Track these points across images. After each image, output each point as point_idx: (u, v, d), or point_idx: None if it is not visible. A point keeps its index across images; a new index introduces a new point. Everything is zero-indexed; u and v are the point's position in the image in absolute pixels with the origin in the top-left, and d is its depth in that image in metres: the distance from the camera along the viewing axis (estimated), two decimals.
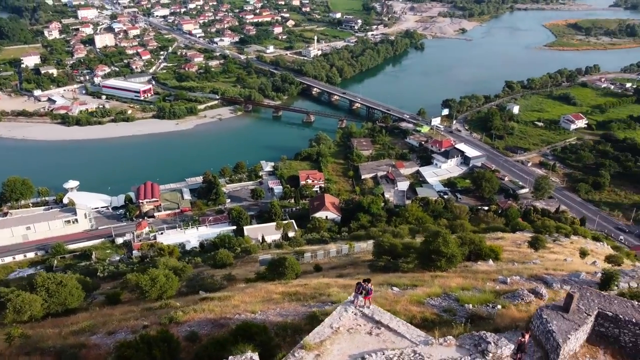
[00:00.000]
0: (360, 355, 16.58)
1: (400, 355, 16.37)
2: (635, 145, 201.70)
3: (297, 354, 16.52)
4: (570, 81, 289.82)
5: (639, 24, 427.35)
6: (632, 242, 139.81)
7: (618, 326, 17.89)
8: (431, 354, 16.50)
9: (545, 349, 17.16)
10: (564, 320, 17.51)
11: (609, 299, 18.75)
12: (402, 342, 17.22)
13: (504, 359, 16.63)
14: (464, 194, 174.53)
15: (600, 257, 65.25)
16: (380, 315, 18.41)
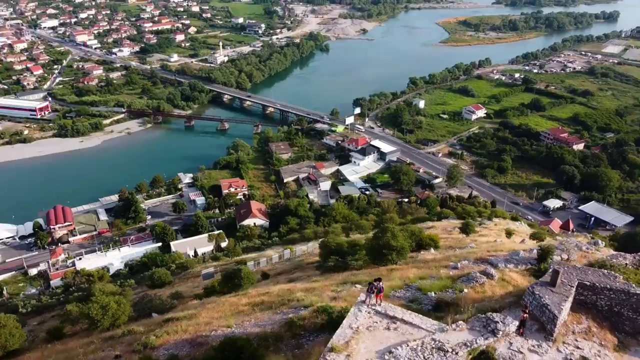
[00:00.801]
0: (386, 350, 17.51)
1: (422, 344, 17.53)
2: (530, 130, 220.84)
3: (329, 357, 17.10)
4: (467, 74, 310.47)
5: (519, 19, 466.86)
6: (537, 219, 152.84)
7: (595, 293, 20.38)
8: (448, 339, 17.83)
9: (541, 321, 19.13)
10: (553, 294, 19.65)
11: (584, 271, 21.26)
12: (419, 332, 18.38)
13: (510, 335, 18.39)
14: (384, 189, 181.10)
15: (523, 235, 71.27)
16: (393, 310, 19.45)
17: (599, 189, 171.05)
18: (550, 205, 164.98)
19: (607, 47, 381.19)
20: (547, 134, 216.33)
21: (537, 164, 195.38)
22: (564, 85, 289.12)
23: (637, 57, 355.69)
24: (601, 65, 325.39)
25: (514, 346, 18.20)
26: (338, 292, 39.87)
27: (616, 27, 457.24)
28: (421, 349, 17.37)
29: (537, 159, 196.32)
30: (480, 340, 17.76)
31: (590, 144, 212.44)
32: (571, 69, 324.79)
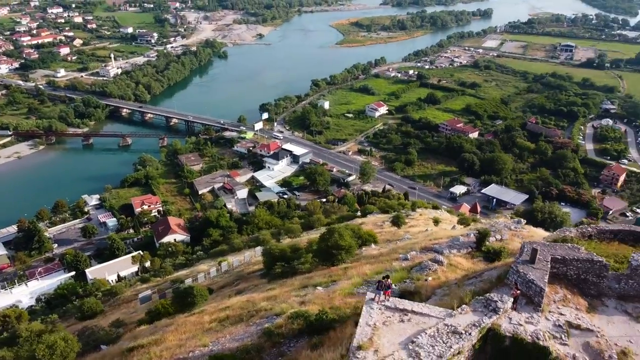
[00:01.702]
0: (407, 340, 18.75)
1: (438, 330, 19.02)
2: (429, 123, 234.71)
3: (359, 355, 17.98)
4: (366, 74, 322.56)
5: (406, 19, 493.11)
6: (447, 205, 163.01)
7: (565, 265, 23.12)
8: (458, 322, 19.48)
9: (528, 295, 21.43)
10: (535, 270, 22.05)
11: (553, 247, 23.98)
12: (430, 320, 19.83)
13: (508, 311, 20.48)
14: (301, 191, 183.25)
15: (448, 222, 76.36)
16: (402, 304, 20.72)
17: (496, 172, 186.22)
18: (457, 192, 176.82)
19: (487, 42, 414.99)
20: (445, 125, 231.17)
21: (440, 154, 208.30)
22: (454, 79, 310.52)
23: (512, 49, 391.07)
24: (483, 59, 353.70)
25: (513, 320, 20.29)
26: (303, 297, 40.60)
27: (491, 23, 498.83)
28: (438, 334, 18.86)
29: (439, 149, 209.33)
30: (486, 319, 19.62)
31: (483, 132, 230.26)
32: (458, 64, 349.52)
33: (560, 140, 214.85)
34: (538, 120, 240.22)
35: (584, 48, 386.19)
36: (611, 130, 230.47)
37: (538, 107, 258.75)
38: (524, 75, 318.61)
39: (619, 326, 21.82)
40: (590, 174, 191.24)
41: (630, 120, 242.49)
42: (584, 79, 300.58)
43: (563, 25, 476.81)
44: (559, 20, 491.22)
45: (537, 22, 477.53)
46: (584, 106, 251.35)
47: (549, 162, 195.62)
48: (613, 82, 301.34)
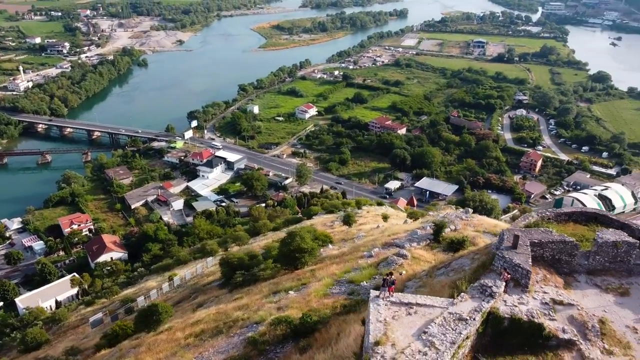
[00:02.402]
0: (420, 331, 19.75)
1: (445, 319, 20.20)
2: (359, 122, 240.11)
3: (379, 350, 18.72)
4: (292, 76, 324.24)
5: (327, 20, 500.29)
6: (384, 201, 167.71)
7: (541, 247, 25.15)
8: (461, 310, 20.77)
9: (515, 278, 23.16)
10: (518, 255, 23.82)
11: (529, 232, 25.98)
12: (435, 310, 20.94)
13: (502, 295, 22.07)
14: (238, 197, 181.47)
15: (395, 217, 79.00)
16: (406, 298, 21.67)
17: (426, 165, 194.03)
18: (391, 187, 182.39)
19: (405, 41, 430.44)
20: (374, 123, 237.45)
21: (372, 151, 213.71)
22: (378, 78, 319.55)
23: (430, 47, 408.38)
24: (404, 57, 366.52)
25: (508, 303, 21.86)
26: (277, 302, 40.78)
27: (407, 22, 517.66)
28: (446, 323, 20.03)
29: (371, 147, 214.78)
30: (485, 304, 21.03)
31: (410, 128, 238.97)
32: (380, 63, 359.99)
33: (482, 131, 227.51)
34: (460, 113, 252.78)
35: (494, 44, 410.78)
36: (525, 120, 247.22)
37: (459, 101, 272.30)
38: (442, 71, 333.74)
39: (592, 298, 24.15)
40: (511, 162, 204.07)
41: (541, 109, 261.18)
42: (497, 72, 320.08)
43: (473, 23, 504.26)
44: (470, 18, 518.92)
45: (450, 21, 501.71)
46: (499, 98, 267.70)
47: (474, 153, 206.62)
48: (523, 75, 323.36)
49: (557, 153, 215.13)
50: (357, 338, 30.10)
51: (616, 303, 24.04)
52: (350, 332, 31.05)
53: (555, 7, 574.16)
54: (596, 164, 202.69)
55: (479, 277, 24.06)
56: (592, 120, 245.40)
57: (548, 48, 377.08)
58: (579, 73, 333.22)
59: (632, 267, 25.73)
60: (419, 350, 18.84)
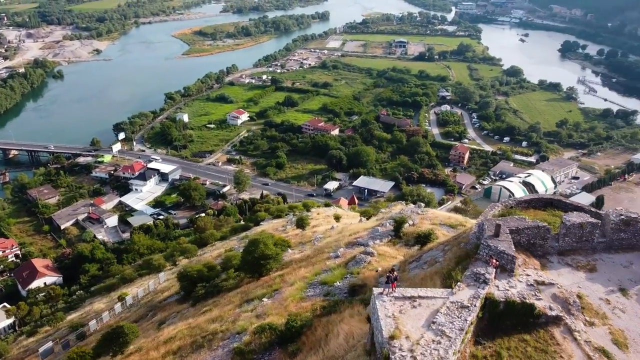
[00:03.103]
0: (428, 322, 20.72)
1: (449, 308, 21.35)
2: (292, 125, 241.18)
3: (395, 344, 19.46)
4: (220, 82, 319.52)
5: (250, 25, 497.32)
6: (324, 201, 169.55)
7: (518, 234, 27.00)
8: (461, 298, 22.01)
9: (500, 264, 24.76)
10: (501, 242, 25.46)
11: (506, 220, 27.78)
12: (436, 301, 22.00)
13: (493, 281, 23.57)
14: (176, 209, 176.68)
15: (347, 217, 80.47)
16: (408, 292, 22.55)
17: (362, 164, 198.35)
18: (330, 188, 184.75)
19: (329, 43, 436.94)
20: (307, 126, 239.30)
21: (307, 153, 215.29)
22: (307, 81, 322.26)
23: (354, 48, 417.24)
24: (330, 59, 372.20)
25: (500, 287, 23.38)
26: (253, 311, 40.61)
27: (329, 24, 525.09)
28: (450, 311, 21.16)
29: (306, 149, 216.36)
30: (481, 290, 22.40)
31: (343, 128, 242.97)
32: (307, 65, 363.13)
33: (411, 128, 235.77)
34: (389, 112, 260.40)
35: (415, 43, 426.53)
36: (450, 115, 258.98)
37: (387, 100, 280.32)
38: (368, 71, 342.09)
39: (567, 276, 26.33)
40: (441, 156, 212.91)
41: (464, 104, 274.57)
42: (420, 71, 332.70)
43: (393, 24, 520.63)
44: (389, 19, 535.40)
45: (371, 22, 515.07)
46: (425, 95, 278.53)
47: (406, 149, 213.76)
48: (444, 72, 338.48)
49: (481, 145, 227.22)
50: (347, 337, 30.88)
51: (587, 279, 26.39)
52: (338, 332, 31.78)
53: (467, 7, 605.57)
54: (517, 153, 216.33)
55: (465, 266, 25.51)
56: (510, 112, 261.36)
57: (464, 46, 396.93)
58: (494, 68, 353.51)
59: (595, 245, 28.30)
60: (432, 339, 19.85)
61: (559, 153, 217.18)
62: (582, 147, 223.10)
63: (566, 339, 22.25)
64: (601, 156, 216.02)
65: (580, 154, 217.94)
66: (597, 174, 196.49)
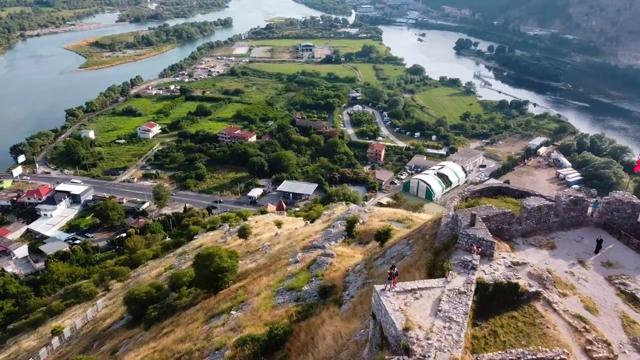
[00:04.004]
0: (434, 310, 22.03)
1: (448, 295, 22.90)
2: (208, 135, 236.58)
3: (412, 335, 20.57)
4: (125, 95, 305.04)
5: (150, 34, 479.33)
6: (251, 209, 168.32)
7: (489, 221, 29.20)
8: (457, 285, 23.61)
9: (481, 250, 26.80)
10: (478, 230, 27.48)
11: (478, 209, 29.90)
12: (435, 290, 23.41)
13: (479, 266, 25.50)
14: (93, 231, 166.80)
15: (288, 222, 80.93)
16: (407, 285, 23.66)
17: (284, 169, 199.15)
18: (255, 195, 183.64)
19: (236, 49, 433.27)
20: (223, 134, 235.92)
21: (227, 162, 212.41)
22: (217, 89, 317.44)
23: (261, 54, 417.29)
24: (238, 66, 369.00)
25: (487, 271, 25.29)
26: (224, 325, 40.05)
27: (233, 31, 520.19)
28: (451, 299, 22.71)
29: (226, 158, 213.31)
30: (472, 276, 24.17)
31: (260, 134, 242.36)
32: (216, 73, 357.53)
33: (328, 130, 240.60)
34: (303, 115, 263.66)
35: (320, 46, 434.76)
36: (362, 115, 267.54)
37: (300, 103, 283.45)
38: (278, 76, 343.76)
39: (533, 255, 29.02)
40: (358, 155, 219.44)
41: (374, 103, 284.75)
42: (329, 73, 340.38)
43: (297, 28, 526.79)
44: (293, 23, 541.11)
45: (275, 27, 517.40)
46: (336, 97, 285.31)
47: (325, 151, 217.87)
48: (352, 74, 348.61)
49: (395, 141, 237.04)
50: (335, 337, 31.76)
51: (550, 255, 29.29)
52: (323, 334, 32.54)
53: (366, 10, 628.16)
54: (429, 146, 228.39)
55: (444, 257, 27.34)
56: (417, 109, 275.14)
57: (368, 47, 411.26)
58: (398, 67, 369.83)
59: (551, 225, 31.44)
60: (443, 326, 21.26)
61: (465, 144, 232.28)
62: (485, 137, 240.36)
63: (547, 311, 24.66)
64: (502, 144, 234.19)
65: (484, 143, 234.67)
66: (500, 161, 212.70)
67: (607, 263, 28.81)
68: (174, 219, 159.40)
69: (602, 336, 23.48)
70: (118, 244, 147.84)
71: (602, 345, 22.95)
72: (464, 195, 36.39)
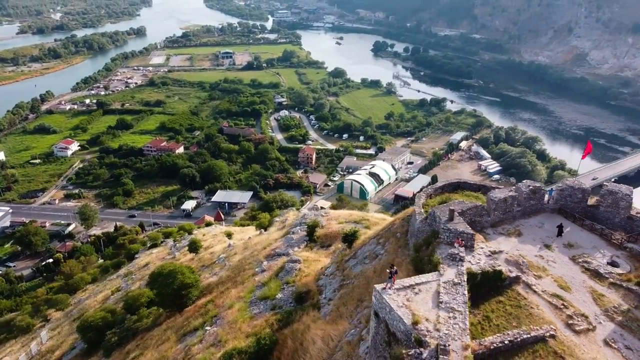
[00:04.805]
0: (435, 303, 23.20)
1: (445, 287, 24.28)
2: (132, 149, 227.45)
3: (422, 327, 21.62)
4: (36, 112, 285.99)
5: (57, 46, 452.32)
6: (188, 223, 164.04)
7: (462, 215, 31.02)
8: (451, 277, 25.03)
9: (463, 242, 28.54)
10: (457, 224, 29.13)
11: (452, 204, 31.58)
12: (431, 284, 24.64)
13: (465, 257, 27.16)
14: (15, 260, 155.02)
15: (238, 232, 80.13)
16: (406, 282, 24.72)
17: (216, 179, 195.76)
18: (188, 207, 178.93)
19: (153, 59, 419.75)
20: (149, 147, 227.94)
21: (155, 176, 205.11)
22: (137, 100, 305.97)
23: (180, 63, 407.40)
24: (157, 76, 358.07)
25: (472, 262, 26.99)
26: (203, 342, 39.29)
27: (148, 40, 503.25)
28: (449, 290, 24.11)
29: (154, 172, 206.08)
30: (462, 267, 25.77)
31: (187, 145, 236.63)
32: (134, 84, 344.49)
33: (257, 136, 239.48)
34: (230, 123, 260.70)
35: (241, 53, 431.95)
36: (290, 119, 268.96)
37: (226, 111, 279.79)
38: (200, 85, 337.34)
39: (504, 243, 31.27)
40: (290, 159, 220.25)
41: (300, 108, 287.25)
42: (252, 80, 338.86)
43: (215, 35, 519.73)
44: (210, 31, 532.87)
45: (192, 35, 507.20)
46: (262, 103, 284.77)
47: (256, 158, 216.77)
48: (275, 79, 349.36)
49: (325, 144, 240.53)
50: (326, 340, 32.40)
51: (519, 242, 31.71)
52: (312, 339, 33.11)
53: (283, 15, 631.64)
54: (358, 147, 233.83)
55: (430, 251, 28.89)
56: (343, 111, 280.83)
57: (289, 52, 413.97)
58: (320, 71, 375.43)
59: (515, 214, 33.99)
60: (447, 316, 22.58)
61: (392, 143, 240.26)
62: (410, 135, 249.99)
63: (528, 293, 26.82)
64: (426, 141, 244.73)
65: (409, 141, 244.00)
66: (426, 157, 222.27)
67: (569, 244, 31.68)
68: (104, 239, 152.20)
69: (579, 310, 25.92)
70: (45, 270, 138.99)
71: (581, 318, 25.35)
72: (428, 193, 38.34)
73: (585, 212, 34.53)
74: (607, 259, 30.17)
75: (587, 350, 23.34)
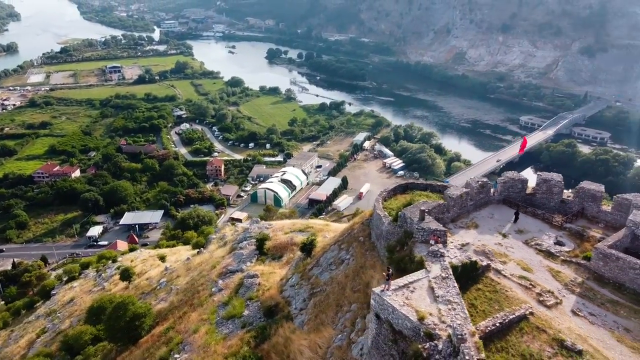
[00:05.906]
0: (432, 298, 25.02)
1: (437, 283, 26.26)
2: (21, 177, 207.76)
3: (429, 322, 23.28)
4: None
5: None
6: (92, 252, 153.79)
7: (429, 213, 33.29)
8: (438, 272, 27.02)
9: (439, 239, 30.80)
10: (429, 223, 31.23)
11: (420, 205, 33.71)
12: (423, 280, 26.46)
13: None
14: None
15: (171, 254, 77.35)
16: (400, 282, 26.25)
17: (122, 200, 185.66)
18: (95, 234, 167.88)
19: (30, 78, 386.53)
20: (40, 173, 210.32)
21: (51, 204, 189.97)
22: (18, 124, 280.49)
23: (63, 80, 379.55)
24: (38, 96, 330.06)
25: (450, 255, 29.28)
26: None
27: (21, 57, 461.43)
28: (440, 285, 26.10)
29: (49, 199, 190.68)
30: (445, 262, 27.94)
31: (84, 167, 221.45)
32: (12, 106, 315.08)
33: (159, 152, 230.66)
34: (128, 141, 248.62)
35: (129, 67, 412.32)
36: (192, 132, 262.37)
37: (122, 129, 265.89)
38: (89, 103, 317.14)
39: (466, 236, 34.15)
40: (198, 173, 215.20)
41: (201, 120, 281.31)
42: (147, 94, 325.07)
43: (98, 49, 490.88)
44: (92, 45, 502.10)
45: (73, 50, 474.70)
46: (161, 118, 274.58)
47: (162, 175, 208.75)
48: (170, 92, 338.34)
49: (232, 155, 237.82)
50: (314, 348, 33.26)
51: (478, 233, 34.82)
52: (299, 349, 33.85)
53: (171, 25, 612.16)
54: (265, 155, 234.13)
55: (407, 250, 30.89)
56: (246, 120, 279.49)
57: (181, 63, 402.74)
58: (216, 81, 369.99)
59: (469, 208, 37.17)
60: (447, 309, 24.57)
61: (298, 148, 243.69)
62: (315, 139, 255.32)
63: (500, 278, 29.74)
64: (331, 143, 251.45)
65: (315, 145, 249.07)
66: (334, 159, 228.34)
67: (519, 230, 35.41)
68: (2, 278, 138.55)
69: (545, 287, 29.29)
70: None
71: (549, 294, 28.68)
72: (383, 196, 40.54)
73: (526, 200, 38.71)
74: (553, 239, 34.21)
75: (562, 322, 26.54)
